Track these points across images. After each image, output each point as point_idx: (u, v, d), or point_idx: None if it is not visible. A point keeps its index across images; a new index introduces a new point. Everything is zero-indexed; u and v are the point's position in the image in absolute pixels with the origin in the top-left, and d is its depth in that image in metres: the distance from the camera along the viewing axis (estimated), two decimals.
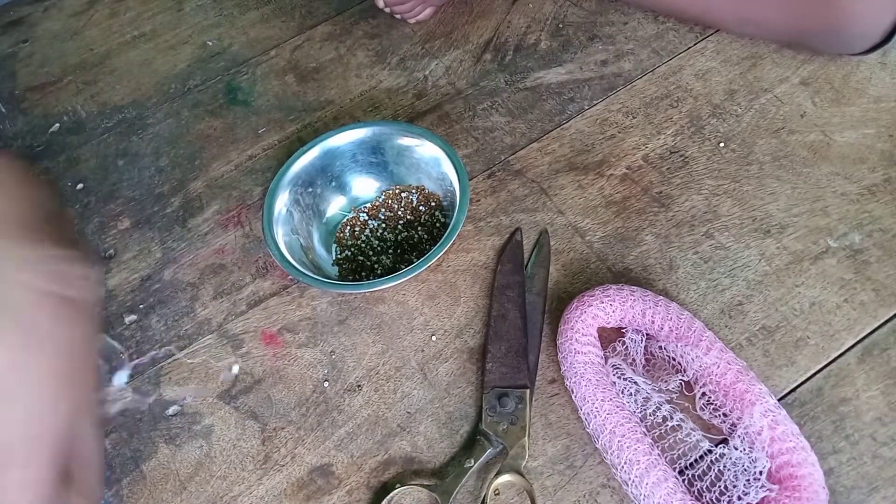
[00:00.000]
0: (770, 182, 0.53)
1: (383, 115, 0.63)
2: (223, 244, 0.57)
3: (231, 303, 0.53)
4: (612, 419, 0.41)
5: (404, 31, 0.69)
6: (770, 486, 0.38)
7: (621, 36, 0.64)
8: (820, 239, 0.50)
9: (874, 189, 0.52)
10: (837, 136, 0.55)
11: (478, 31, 0.68)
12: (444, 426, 0.46)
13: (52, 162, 0.65)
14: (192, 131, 0.65)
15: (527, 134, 0.59)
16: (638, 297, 0.45)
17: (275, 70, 0.68)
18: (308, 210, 0.55)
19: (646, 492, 0.38)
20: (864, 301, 0.47)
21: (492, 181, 0.57)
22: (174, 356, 0.51)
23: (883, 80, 0.58)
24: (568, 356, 0.44)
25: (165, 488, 0.46)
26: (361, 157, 0.56)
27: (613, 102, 0.60)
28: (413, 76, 0.65)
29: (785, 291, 0.48)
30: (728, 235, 0.51)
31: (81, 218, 0.60)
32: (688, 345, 0.43)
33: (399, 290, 0.52)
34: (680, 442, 0.42)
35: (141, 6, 0.77)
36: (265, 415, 0.48)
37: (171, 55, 0.72)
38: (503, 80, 0.63)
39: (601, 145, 0.58)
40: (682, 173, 0.55)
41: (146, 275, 0.56)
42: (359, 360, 0.49)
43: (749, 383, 0.41)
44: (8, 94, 0.71)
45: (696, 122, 0.58)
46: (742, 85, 0.59)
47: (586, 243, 0.52)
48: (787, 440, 0.39)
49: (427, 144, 0.54)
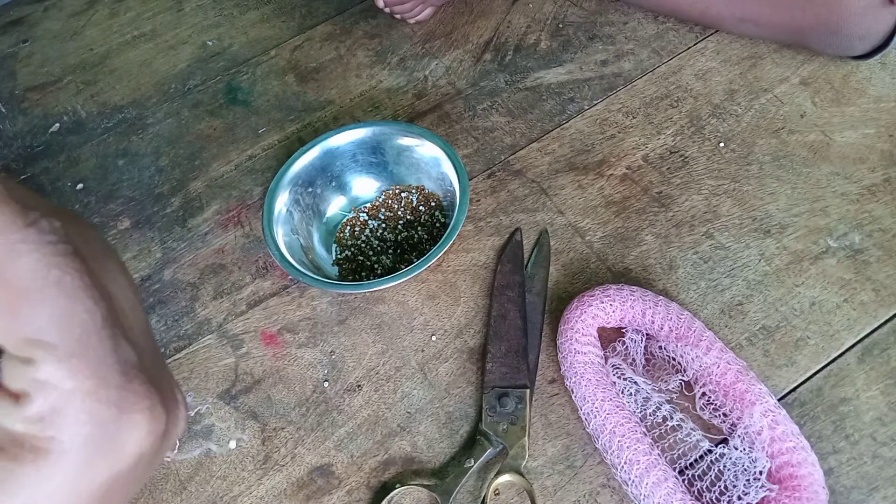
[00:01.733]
0: (770, 182, 0.53)
1: (383, 115, 0.63)
2: (223, 244, 0.57)
3: (231, 303, 0.53)
4: (612, 419, 0.41)
5: (404, 31, 0.69)
6: (770, 486, 0.38)
7: (621, 36, 0.64)
8: (820, 239, 0.50)
9: (874, 189, 0.52)
10: (837, 136, 0.55)
11: (478, 31, 0.68)
12: (444, 426, 0.46)
13: (52, 162, 0.65)
14: (192, 131, 0.65)
15: (527, 134, 0.59)
16: (638, 297, 0.45)
17: (275, 70, 0.68)
18: (308, 210, 0.55)
19: (646, 492, 0.38)
20: (864, 301, 0.47)
21: (492, 181, 0.57)
22: (174, 356, 0.51)
23: (883, 80, 0.58)
24: (568, 356, 0.44)
25: (165, 488, 0.46)
26: (361, 157, 0.56)
27: (613, 102, 0.60)
28: (413, 76, 0.65)
29: (785, 291, 0.48)
30: (728, 235, 0.51)
31: None
32: (688, 345, 0.43)
33: (399, 290, 0.52)
34: (680, 442, 0.42)
35: (141, 6, 0.77)
36: (265, 415, 0.48)
37: (171, 55, 0.72)
38: (503, 80, 0.63)
39: (601, 145, 0.58)
40: (682, 173, 0.55)
41: (146, 275, 0.56)
42: (359, 360, 0.49)
43: (749, 383, 0.41)
44: (8, 94, 0.71)
45: (696, 122, 0.58)
46: (742, 85, 0.59)
47: (586, 243, 0.52)
48: (787, 440, 0.39)
49: (427, 144, 0.54)
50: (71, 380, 0.18)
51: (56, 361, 0.18)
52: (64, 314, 0.18)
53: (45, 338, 0.18)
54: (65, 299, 0.18)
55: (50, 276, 0.18)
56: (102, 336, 0.18)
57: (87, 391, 0.18)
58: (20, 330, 0.18)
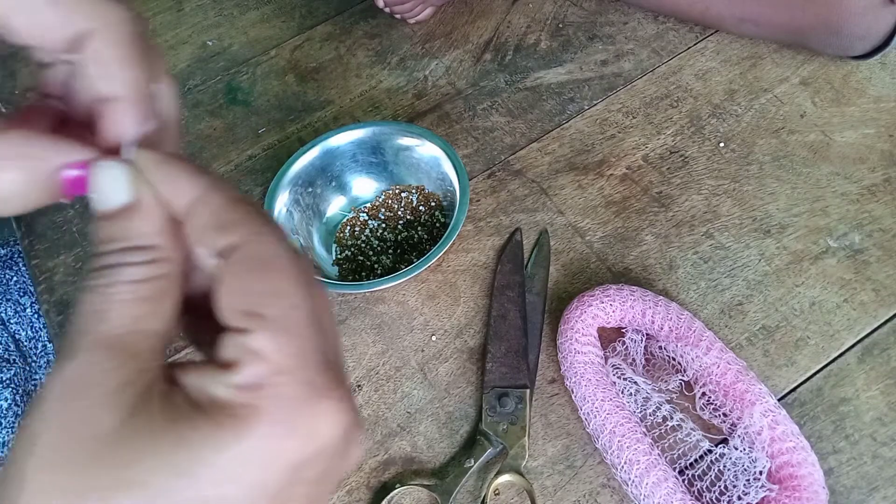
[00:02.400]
0: (770, 182, 0.53)
1: (383, 115, 0.63)
2: None
3: None
4: (612, 419, 0.40)
5: (404, 31, 0.69)
6: (770, 486, 0.38)
7: (621, 36, 0.64)
8: (820, 239, 0.50)
9: (874, 189, 0.52)
10: (837, 136, 0.55)
11: (478, 31, 0.68)
12: (444, 426, 0.46)
13: None
14: (192, 131, 0.65)
15: (527, 134, 0.59)
16: (638, 297, 0.45)
17: (275, 70, 0.68)
18: (308, 210, 0.55)
19: (646, 492, 0.38)
20: (864, 301, 0.47)
21: (492, 181, 0.57)
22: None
23: (883, 80, 0.58)
24: (568, 356, 0.44)
25: None
26: (361, 157, 0.56)
27: (613, 102, 0.60)
28: (413, 76, 0.65)
29: (785, 291, 0.48)
30: (728, 235, 0.51)
31: (81, 218, 0.60)
32: (688, 345, 0.43)
33: (399, 290, 0.52)
34: (680, 442, 0.42)
35: (141, 6, 0.77)
36: None
37: (171, 55, 0.72)
38: (503, 80, 0.63)
39: (601, 145, 0.58)
40: (682, 173, 0.55)
41: None
42: (359, 360, 0.49)
43: (749, 383, 0.41)
44: (8, 94, 0.71)
45: (696, 122, 0.58)
46: (742, 85, 0.59)
47: (586, 243, 0.52)
48: (787, 440, 0.39)
49: (427, 144, 0.54)
50: (278, 354, 0.19)
51: (270, 334, 0.19)
52: (280, 289, 0.20)
53: (263, 311, 0.19)
54: (287, 282, 0.20)
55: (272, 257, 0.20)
56: (310, 323, 0.20)
57: (290, 367, 0.19)
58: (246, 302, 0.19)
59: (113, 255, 0.20)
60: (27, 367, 0.58)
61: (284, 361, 0.19)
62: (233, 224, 0.20)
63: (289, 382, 0.18)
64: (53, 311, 0.55)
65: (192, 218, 0.20)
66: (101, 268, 0.20)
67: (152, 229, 0.20)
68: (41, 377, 0.59)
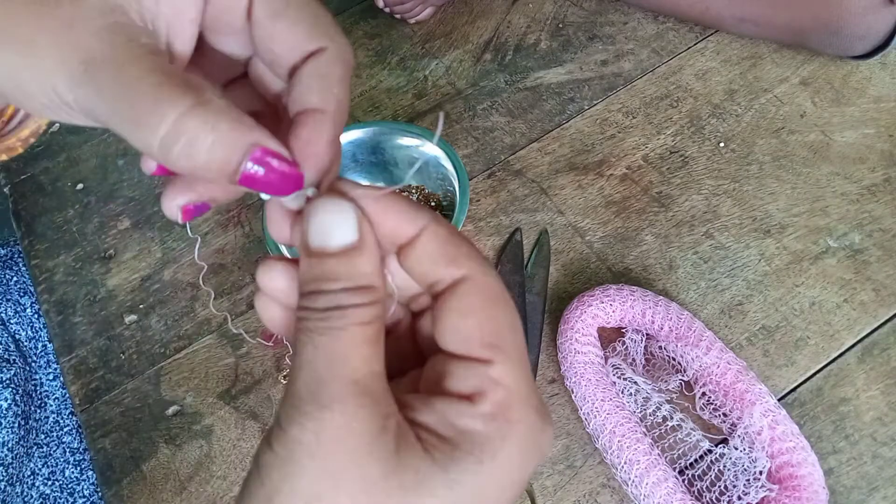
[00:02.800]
0: (770, 182, 0.53)
1: (383, 115, 0.63)
2: (223, 244, 0.57)
3: (231, 303, 0.53)
4: (612, 419, 0.41)
5: (404, 31, 0.69)
6: (770, 485, 0.38)
7: (621, 36, 0.64)
8: (820, 239, 0.50)
9: (874, 189, 0.52)
10: (837, 136, 0.55)
11: (478, 31, 0.68)
12: None
13: (51, 162, 0.65)
14: None
15: (527, 134, 0.59)
16: (638, 297, 0.45)
17: None
18: None
19: (646, 492, 0.38)
20: (864, 301, 0.47)
21: (492, 181, 0.57)
22: (174, 356, 0.51)
23: (883, 80, 0.58)
24: (568, 356, 0.44)
25: (165, 488, 0.46)
26: (361, 157, 0.56)
27: (613, 102, 0.60)
28: (413, 76, 0.65)
29: (785, 291, 0.48)
30: (728, 235, 0.51)
31: (81, 218, 0.60)
32: (688, 345, 0.43)
33: None
34: (680, 442, 0.42)
35: None
36: (265, 415, 0.48)
37: None
38: (503, 80, 0.63)
39: (601, 145, 0.58)
40: (682, 173, 0.55)
41: (146, 275, 0.56)
42: None
43: (749, 383, 0.41)
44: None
45: (696, 122, 0.58)
46: (742, 85, 0.59)
47: (586, 243, 0.52)
48: (787, 440, 0.39)
49: (427, 144, 0.54)
50: (517, 383, 0.20)
51: (511, 365, 0.20)
52: (512, 322, 0.20)
53: (503, 344, 0.20)
54: (515, 315, 0.21)
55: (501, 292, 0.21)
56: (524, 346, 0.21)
57: (526, 396, 0.20)
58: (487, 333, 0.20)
59: (338, 295, 0.19)
60: (27, 367, 0.58)
61: (522, 390, 0.20)
62: (461, 257, 0.20)
63: (528, 410, 0.20)
64: (53, 311, 0.55)
65: (417, 250, 0.20)
66: (330, 309, 0.19)
67: (374, 269, 0.20)
68: (41, 377, 0.59)
